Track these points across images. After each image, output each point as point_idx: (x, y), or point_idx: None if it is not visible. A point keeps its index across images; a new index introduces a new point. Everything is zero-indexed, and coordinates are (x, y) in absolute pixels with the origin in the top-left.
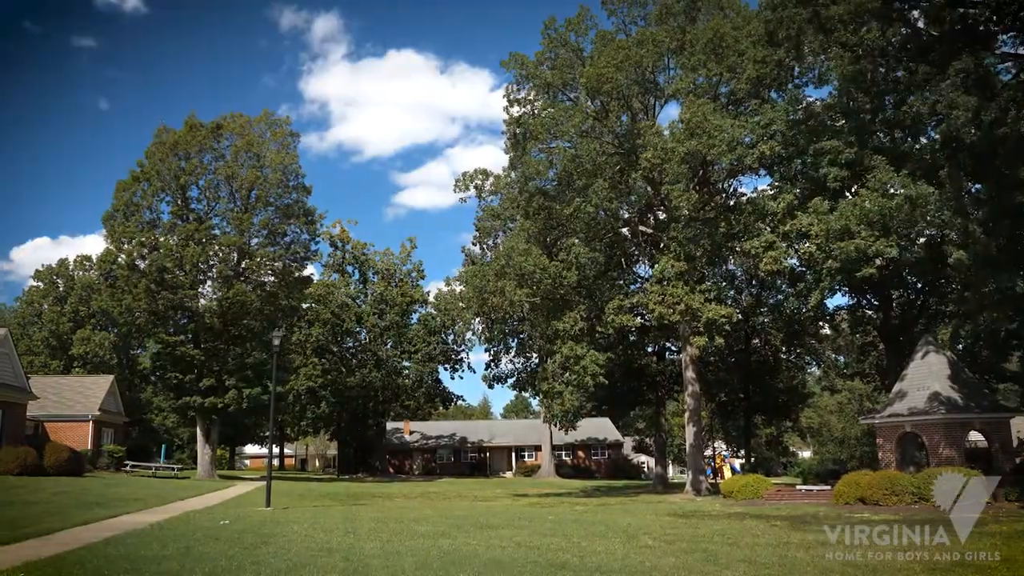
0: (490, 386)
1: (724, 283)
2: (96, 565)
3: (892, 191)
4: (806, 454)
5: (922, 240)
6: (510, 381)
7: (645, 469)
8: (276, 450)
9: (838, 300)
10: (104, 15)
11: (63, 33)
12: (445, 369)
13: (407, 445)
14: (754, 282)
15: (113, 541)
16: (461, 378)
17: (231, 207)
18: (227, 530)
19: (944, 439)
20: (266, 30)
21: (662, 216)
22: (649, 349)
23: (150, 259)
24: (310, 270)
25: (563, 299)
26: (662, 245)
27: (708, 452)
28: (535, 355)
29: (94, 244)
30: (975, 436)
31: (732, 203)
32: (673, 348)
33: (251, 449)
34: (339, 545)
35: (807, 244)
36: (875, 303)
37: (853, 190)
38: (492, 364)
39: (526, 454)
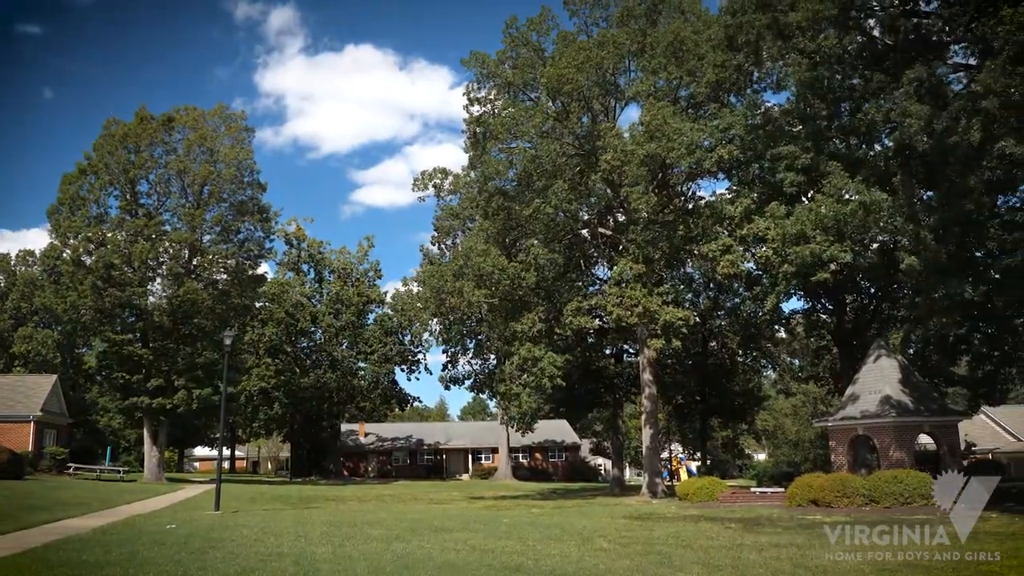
0: (447, 387)
1: (682, 286)
2: (36, 572)
3: (847, 197)
4: (761, 456)
5: (875, 246)
6: (467, 383)
7: (602, 471)
8: (227, 452)
9: (793, 304)
10: (51, 1)
11: (7, 19)
12: (402, 370)
13: (362, 447)
14: (712, 285)
15: (54, 547)
16: (418, 379)
17: (183, 203)
18: (174, 535)
19: (895, 442)
20: (220, 20)
21: (621, 218)
22: (607, 351)
23: (97, 255)
24: (264, 268)
25: (521, 300)
26: (621, 247)
27: (665, 454)
28: (493, 356)
29: (37, 239)
30: (925, 439)
31: (691, 206)
32: (631, 350)
33: (201, 451)
34: (290, 550)
35: (764, 248)
36: (829, 307)
37: (809, 195)
38: (449, 365)
39: (483, 456)
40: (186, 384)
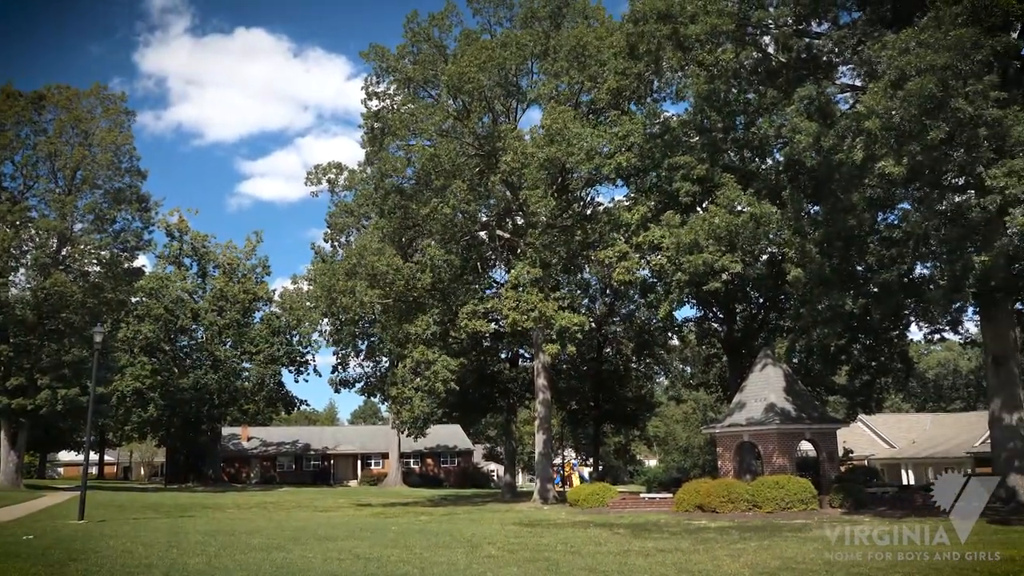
0: (337, 390)
1: (579, 291)
2: None
3: (739, 208)
4: (653, 462)
5: (764, 257)
6: (358, 386)
7: (495, 477)
8: (95, 457)
9: (686, 312)
10: None
11: None
12: (289, 372)
13: (244, 452)
14: (608, 291)
15: None
16: (306, 381)
17: (52, 188)
18: (31, 546)
19: (778, 448)
20: None
21: (520, 221)
22: (503, 355)
23: None
24: (142, 261)
25: (416, 302)
26: (519, 250)
27: (558, 460)
28: (385, 359)
29: None
30: (806, 445)
31: (589, 212)
32: (526, 355)
33: (66, 456)
34: (160, 560)
35: (659, 256)
36: (720, 316)
37: (704, 205)
38: (339, 367)
39: (373, 462)
40: (51, 383)
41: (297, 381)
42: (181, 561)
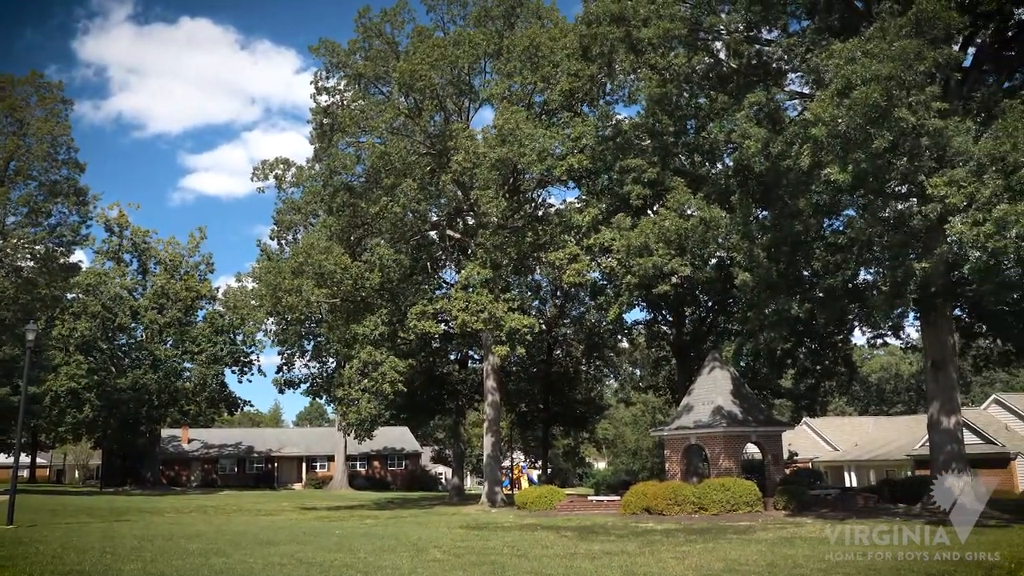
0: (281, 391)
1: (529, 293)
2: None
3: (689, 212)
4: (602, 465)
5: (713, 261)
6: (304, 387)
7: (443, 480)
8: (26, 460)
9: (636, 314)
10: None
11: None
12: (232, 372)
13: (185, 454)
14: (558, 293)
15: None
16: (250, 382)
17: None
18: None
19: (724, 451)
20: None
21: (471, 221)
22: (452, 357)
23: None
24: (79, 256)
25: (364, 301)
26: (469, 251)
27: (506, 463)
28: (332, 359)
29: None
30: (752, 448)
31: (540, 213)
32: (476, 357)
33: None
34: (93, 567)
35: (609, 258)
36: (670, 319)
37: (654, 208)
38: (285, 368)
39: (318, 465)
40: None
41: (241, 382)
42: (115, 567)
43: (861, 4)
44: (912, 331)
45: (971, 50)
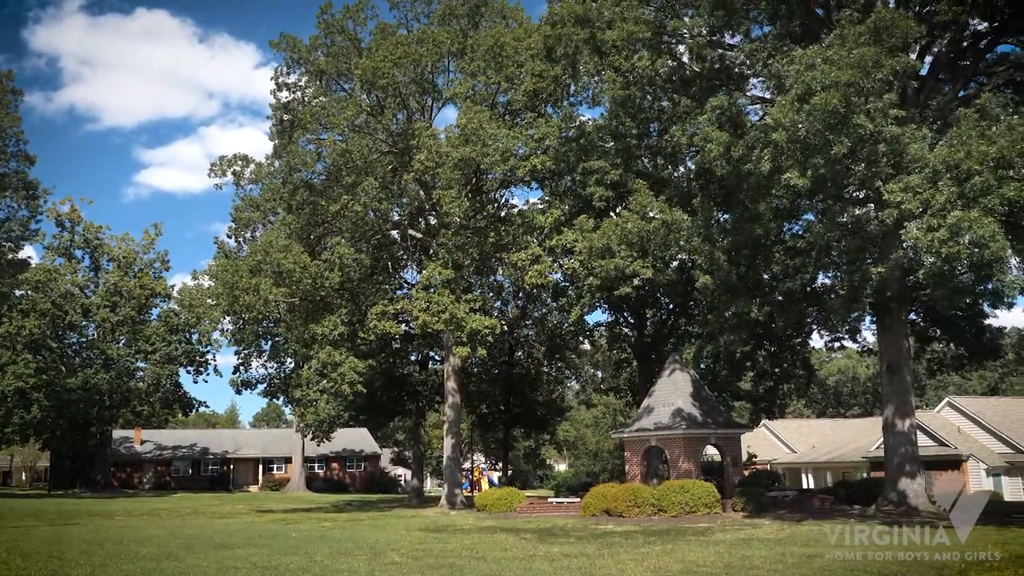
0: (238, 392)
1: (491, 294)
2: None
3: (651, 215)
4: (562, 467)
5: (675, 263)
6: (261, 387)
7: (403, 482)
8: None
9: (598, 316)
10: None
11: None
12: (187, 372)
13: (138, 456)
14: (520, 294)
15: None
16: (206, 382)
17: None
18: None
19: (684, 453)
20: None
21: (433, 221)
22: (412, 358)
23: None
24: (28, 252)
25: (324, 301)
26: (431, 251)
27: (467, 465)
28: (290, 360)
29: None
30: (712, 450)
31: (503, 214)
32: (437, 358)
33: None
34: (39, 572)
35: (571, 260)
36: (631, 321)
37: (617, 210)
38: (241, 368)
39: (275, 466)
40: None
41: (196, 382)
42: (63, 572)
43: (822, 11)
44: (869, 335)
45: (928, 59)
